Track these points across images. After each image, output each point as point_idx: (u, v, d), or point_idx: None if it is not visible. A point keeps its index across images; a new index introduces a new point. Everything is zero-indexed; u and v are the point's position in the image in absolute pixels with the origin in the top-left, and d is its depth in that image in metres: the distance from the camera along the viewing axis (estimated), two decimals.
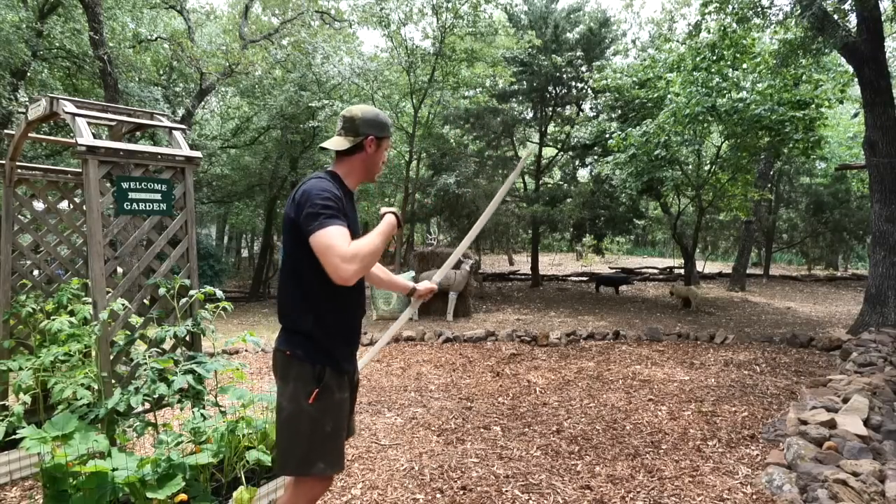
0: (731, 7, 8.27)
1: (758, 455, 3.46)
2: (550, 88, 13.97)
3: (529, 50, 12.90)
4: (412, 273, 9.75)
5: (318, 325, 1.84)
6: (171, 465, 2.27)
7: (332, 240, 1.68)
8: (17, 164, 3.48)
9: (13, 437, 2.96)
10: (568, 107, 15.33)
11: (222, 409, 2.74)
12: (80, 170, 3.44)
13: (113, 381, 2.71)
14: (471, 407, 4.53)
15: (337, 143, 1.93)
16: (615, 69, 11.88)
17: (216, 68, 12.01)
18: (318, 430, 1.81)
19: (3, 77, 9.35)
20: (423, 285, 2.39)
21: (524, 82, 13.83)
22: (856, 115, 14.78)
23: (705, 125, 10.09)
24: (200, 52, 11.81)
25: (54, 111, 2.93)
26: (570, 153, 15.35)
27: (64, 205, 3.89)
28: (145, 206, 2.89)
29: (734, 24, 8.53)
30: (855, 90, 9.78)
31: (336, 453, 1.86)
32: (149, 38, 13.34)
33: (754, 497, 2.90)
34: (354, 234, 1.87)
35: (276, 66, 13.65)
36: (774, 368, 5.75)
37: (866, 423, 3.54)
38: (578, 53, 13.56)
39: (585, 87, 14.00)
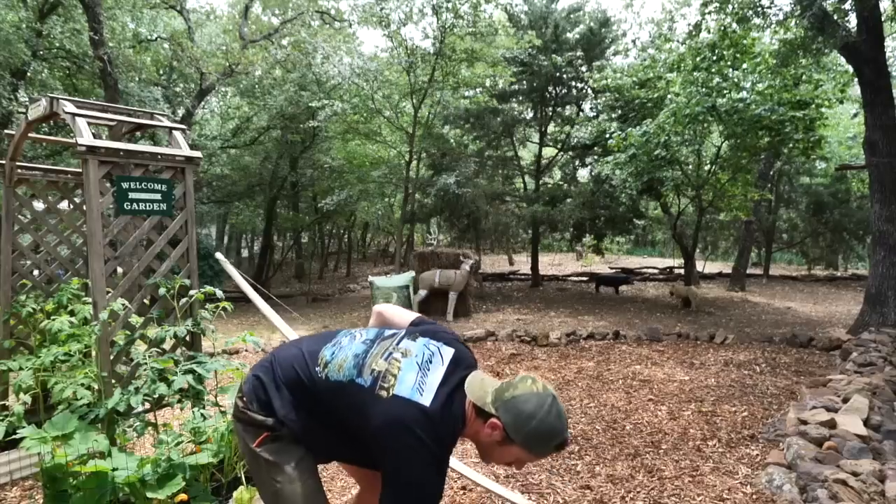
0: (731, 7, 8.26)
1: (758, 455, 3.46)
2: (550, 88, 13.95)
3: (529, 50, 12.88)
4: (412, 274, 9.75)
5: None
6: (171, 465, 2.27)
7: None
8: (17, 164, 3.48)
9: (13, 437, 2.95)
10: (568, 107, 15.31)
11: (222, 409, 2.74)
12: (80, 170, 3.44)
13: (113, 381, 2.71)
14: None
15: (479, 390, 1.50)
16: (615, 69, 11.87)
17: (216, 68, 12.01)
18: None
19: (3, 77, 9.34)
20: None
21: (524, 82, 13.81)
22: (856, 115, 14.77)
23: (705, 125, 10.08)
24: (200, 52, 11.81)
25: (54, 111, 2.93)
26: (570, 153, 15.33)
27: (64, 205, 3.89)
28: (145, 206, 2.89)
29: (734, 24, 8.52)
30: (855, 90, 9.78)
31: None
32: (149, 38, 13.34)
33: (754, 497, 2.90)
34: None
35: (276, 66, 13.64)
36: (774, 368, 5.75)
37: (866, 423, 3.54)
38: (578, 53, 13.54)
39: (585, 87, 13.98)
